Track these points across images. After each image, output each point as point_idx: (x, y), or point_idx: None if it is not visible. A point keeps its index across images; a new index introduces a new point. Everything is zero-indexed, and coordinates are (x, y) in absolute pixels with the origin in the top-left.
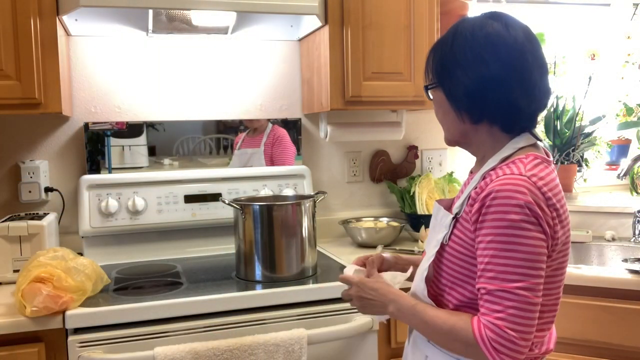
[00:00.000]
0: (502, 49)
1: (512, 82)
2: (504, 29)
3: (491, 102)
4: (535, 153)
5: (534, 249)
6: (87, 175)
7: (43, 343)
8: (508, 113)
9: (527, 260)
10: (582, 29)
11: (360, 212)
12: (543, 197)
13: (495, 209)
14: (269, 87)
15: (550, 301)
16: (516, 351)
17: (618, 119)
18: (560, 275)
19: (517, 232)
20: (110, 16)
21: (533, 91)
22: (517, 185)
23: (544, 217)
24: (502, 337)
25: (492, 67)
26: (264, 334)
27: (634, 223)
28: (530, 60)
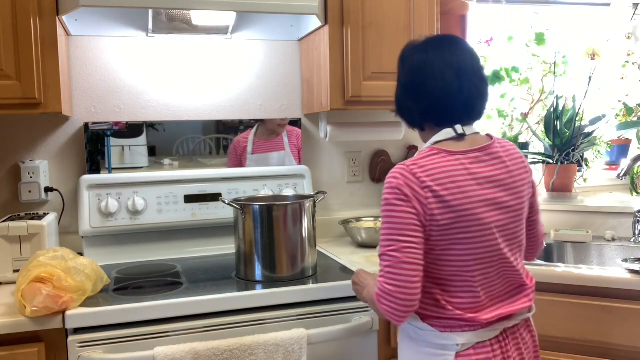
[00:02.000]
0: (406, 66)
1: (410, 92)
2: (405, 50)
3: (402, 112)
4: (440, 146)
5: (402, 219)
6: (87, 175)
7: (43, 343)
8: (410, 116)
9: (396, 229)
10: (582, 29)
11: (360, 212)
12: (417, 181)
13: (383, 191)
14: (269, 87)
15: (454, 271)
16: (395, 302)
17: (618, 119)
18: (461, 250)
19: (389, 208)
20: (110, 16)
21: (423, 95)
22: (394, 172)
23: (414, 196)
24: (383, 291)
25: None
26: (264, 334)
27: (634, 223)
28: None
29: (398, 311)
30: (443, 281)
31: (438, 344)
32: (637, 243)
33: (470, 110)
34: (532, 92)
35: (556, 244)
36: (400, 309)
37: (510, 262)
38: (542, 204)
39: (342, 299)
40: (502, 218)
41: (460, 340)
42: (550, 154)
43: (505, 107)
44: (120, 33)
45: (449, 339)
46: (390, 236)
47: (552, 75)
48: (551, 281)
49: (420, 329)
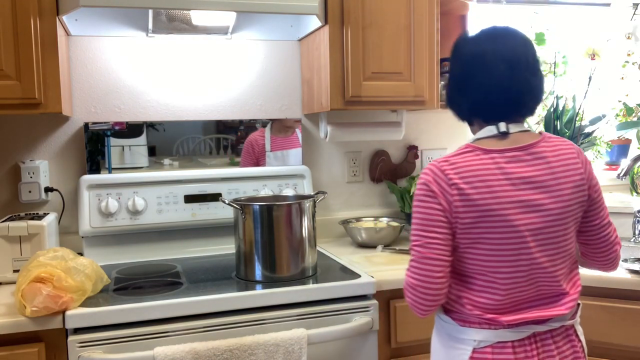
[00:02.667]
0: (457, 57)
1: (464, 83)
2: (459, 41)
3: (451, 104)
4: (478, 143)
5: (429, 215)
6: (87, 175)
7: (43, 343)
8: (459, 110)
9: (423, 225)
10: (582, 29)
11: (360, 212)
12: (445, 178)
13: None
14: (269, 87)
15: (477, 269)
16: (417, 296)
17: (618, 119)
18: (484, 249)
19: (418, 204)
20: (110, 16)
21: (476, 86)
22: (426, 169)
23: (441, 192)
24: (407, 284)
25: (450, 76)
26: (264, 334)
27: (634, 223)
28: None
29: (420, 304)
30: (466, 278)
31: (457, 337)
32: (637, 243)
33: (519, 107)
34: None
35: None
36: (422, 302)
37: (544, 268)
38: None
39: (342, 299)
40: (537, 221)
41: (477, 337)
42: None
43: None
44: (120, 33)
45: (467, 334)
46: (417, 231)
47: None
48: None
49: (444, 320)
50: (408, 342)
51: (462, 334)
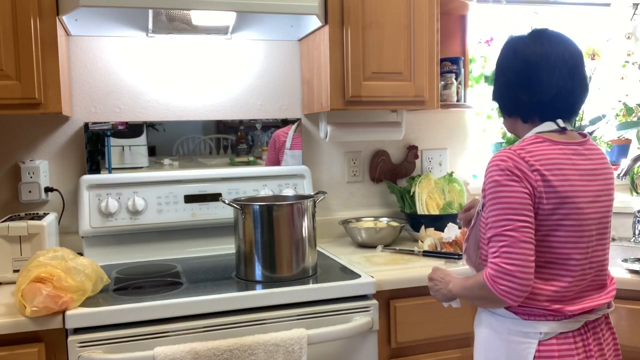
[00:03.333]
0: (518, 58)
1: (524, 84)
2: (518, 43)
3: (512, 102)
4: (544, 135)
5: (516, 199)
6: (87, 175)
7: (43, 343)
8: (532, 107)
9: (511, 209)
10: (582, 29)
11: (360, 212)
12: (526, 164)
13: (487, 175)
14: (269, 87)
15: (552, 257)
16: (514, 282)
17: (618, 119)
18: (560, 236)
19: (501, 189)
20: (110, 16)
21: (540, 87)
22: (501, 155)
23: (524, 177)
24: (500, 271)
25: (509, 76)
26: (264, 334)
27: (634, 223)
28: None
29: (517, 290)
30: (540, 266)
31: (521, 331)
32: (637, 243)
33: (575, 109)
34: None
35: None
36: (519, 288)
37: (598, 256)
38: None
39: (342, 299)
40: (598, 211)
41: (544, 329)
42: None
43: None
44: (120, 33)
45: (533, 327)
46: (505, 216)
47: None
48: None
49: (503, 316)
50: (408, 342)
51: (527, 327)
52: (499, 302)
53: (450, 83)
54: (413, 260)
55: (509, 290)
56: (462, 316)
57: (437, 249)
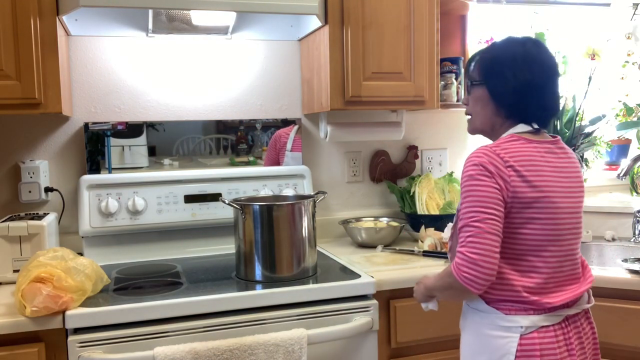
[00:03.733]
0: (542, 63)
1: (546, 89)
2: (541, 50)
3: (529, 101)
4: (519, 134)
5: (486, 193)
6: (87, 175)
7: (43, 343)
8: (539, 111)
9: (480, 202)
10: (582, 29)
11: (360, 212)
12: (501, 160)
13: (463, 170)
14: (269, 87)
15: (526, 249)
16: (477, 270)
17: (618, 119)
18: (535, 228)
19: (473, 182)
20: (110, 16)
21: (556, 97)
22: (478, 152)
23: (497, 173)
24: (465, 260)
25: (534, 76)
26: (264, 334)
27: (634, 223)
28: (556, 74)
29: (479, 279)
30: (515, 259)
31: (503, 326)
32: (637, 243)
33: (556, 113)
34: None
35: None
36: (482, 277)
37: (572, 249)
38: None
39: (342, 299)
40: (571, 206)
41: (524, 323)
42: None
43: None
44: (120, 33)
45: (514, 322)
46: (473, 209)
47: None
48: None
49: (485, 311)
50: (408, 342)
51: (508, 321)
52: (463, 290)
53: (450, 83)
54: (413, 260)
55: (471, 278)
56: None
57: (437, 249)
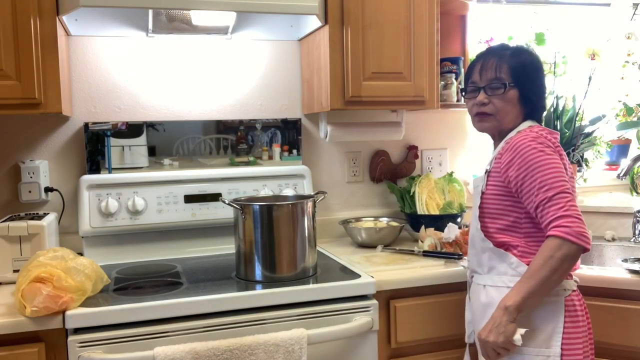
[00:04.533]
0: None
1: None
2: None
3: (545, 104)
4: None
5: (559, 165)
6: (87, 175)
7: (43, 343)
8: (542, 111)
9: (560, 171)
10: (582, 29)
11: (360, 212)
12: (551, 142)
13: (521, 149)
14: (269, 87)
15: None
16: (585, 228)
17: (618, 119)
18: None
19: (545, 155)
20: (110, 16)
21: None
22: (531, 134)
23: (556, 151)
24: (577, 220)
25: (545, 81)
26: (264, 334)
27: (634, 223)
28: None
29: (588, 237)
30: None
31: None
32: (637, 243)
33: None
34: None
35: None
36: (588, 234)
37: None
38: None
39: (342, 299)
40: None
41: (567, 286)
42: None
43: None
44: (120, 33)
45: (560, 285)
46: (560, 177)
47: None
48: None
49: None
50: (408, 342)
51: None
52: (578, 252)
53: (450, 83)
54: (413, 260)
55: (586, 235)
56: (461, 316)
57: (437, 249)
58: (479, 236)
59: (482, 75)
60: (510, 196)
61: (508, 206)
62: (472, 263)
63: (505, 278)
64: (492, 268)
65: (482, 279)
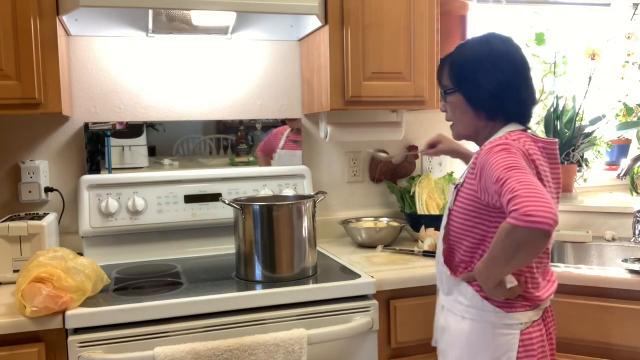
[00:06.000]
0: (513, 59)
1: (520, 85)
2: (509, 45)
3: (507, 100)
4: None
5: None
6: (87, 175)
7: (43, 343)
8: (519, 107)
9: (518, 162)
10: (582, 29)
11: (360, 212)
12: (516, 148)
13: (491, 155)
14: (269, 87)
15: None
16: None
17: (618, 119)
18: None
19: (510, 154)
20: (110, 16)
21: (532, 89)
22: (501, 140)
23: (523, 155)
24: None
25: (507, 74)
26: (264, 334)
27: (634, 223)
28: (528, 67)
29: (549, 211)
30: None
31: (505, 323)
32: (637, 243)
33: (535, 104)
34: None
35: (556, 244)
36: (549, 208)
37: None
38: None
39: (342, 299)
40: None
41: (523, 319)
42: None
43: None
44: (120, 33)
45: (515, 319)
46: (518, 165)
47: (552, 75)
48: None
49: (487, 311)
50: (408, 342)
51: (510, 319)
52: (536, 233)
53: None
54: (413, 260)
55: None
56: None
57: None
58: (440, 259)
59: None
60: (480, 213)
61: (478, 224)
62: (437, 278)
63: (461, 307)
64: (450, 292)
65: (442, 298)
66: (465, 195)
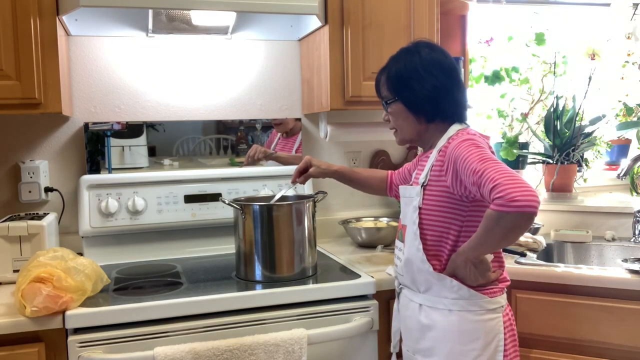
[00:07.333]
0: (443, 65)
1: (453, 87)
2: (437, 52)
3: (444, 103)
4: (469, 129)
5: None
6: (87, 175)
7: (43, 343)
8: (455, 108)
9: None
10: (582, 29)
11: (360, 212)
12: (486, 142)
13: (460, 149)
14: (269, 87)
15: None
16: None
17: (618, 119)
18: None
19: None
20: (110, 16)
21: (464, 91)
22: (462, 137)
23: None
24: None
25: (440, 79)
26: (264, 334)
27: (634, 223)
28: (457, 71)
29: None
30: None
31: (489, 309)
32: (637, 243)
33: (467, 105)
34: (532, 92)
35: (556, 244)
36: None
37: None
38: (542, 204)
39: (342, 299)
40: None
41: (503, 302)
42: (550, 154)
43: (505, 107)
44: (120, 33)
45: (497, 302)
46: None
47: (552, 75)
48: (551, 281)
49: (470, 298)
50: None
51: (494, 304)
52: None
53: None
54: None
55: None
56: None
57: None
58: (419, 257)
59: None
60: (452, 207)
61: (450, 218)
62: (403, 278)
63: (447, 301)
64: (429, 288)
65: (417, 297)
66: (434, 192)
